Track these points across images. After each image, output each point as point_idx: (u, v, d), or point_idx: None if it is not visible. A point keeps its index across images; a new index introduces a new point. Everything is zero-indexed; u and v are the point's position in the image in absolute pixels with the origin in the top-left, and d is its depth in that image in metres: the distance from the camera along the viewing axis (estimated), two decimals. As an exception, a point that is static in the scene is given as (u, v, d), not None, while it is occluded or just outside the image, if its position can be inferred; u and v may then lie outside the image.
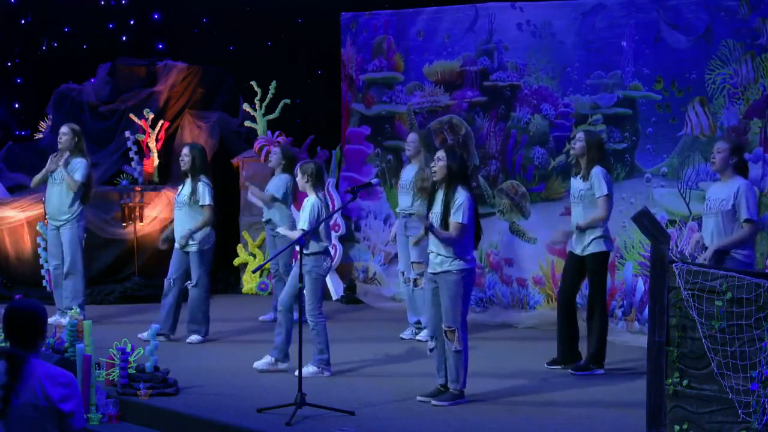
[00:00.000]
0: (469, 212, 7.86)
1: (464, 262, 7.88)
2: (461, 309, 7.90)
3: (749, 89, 9.75)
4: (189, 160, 10.23)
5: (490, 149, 11.71)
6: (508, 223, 11.53)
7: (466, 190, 7.94)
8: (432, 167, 8.14)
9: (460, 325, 7.90)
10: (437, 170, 8.01)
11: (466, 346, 7.97)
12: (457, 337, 7.87)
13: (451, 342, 7.90)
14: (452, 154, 8.09)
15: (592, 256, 9.02)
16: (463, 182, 7.99)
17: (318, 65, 14.51)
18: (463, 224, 7.82)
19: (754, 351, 6.26)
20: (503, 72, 11.58)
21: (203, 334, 10.23)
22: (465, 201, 7.86)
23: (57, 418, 4.65)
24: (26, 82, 14.84)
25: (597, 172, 8.98)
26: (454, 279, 7.87)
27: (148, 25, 15.08)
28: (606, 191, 8.93)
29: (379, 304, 12.53)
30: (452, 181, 7.93)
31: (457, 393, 7.99)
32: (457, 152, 8.23)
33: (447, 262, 7.87)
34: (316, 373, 8.75)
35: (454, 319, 7.88)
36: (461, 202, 7.85)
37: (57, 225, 10.79)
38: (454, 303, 7.87)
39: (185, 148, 10.42)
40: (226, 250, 13.37)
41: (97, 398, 7.98)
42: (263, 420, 7.51)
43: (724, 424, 6.42)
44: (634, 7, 10.50)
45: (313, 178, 8.89)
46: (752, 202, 8.10)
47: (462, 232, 7.84)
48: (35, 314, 4.77)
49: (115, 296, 12.54)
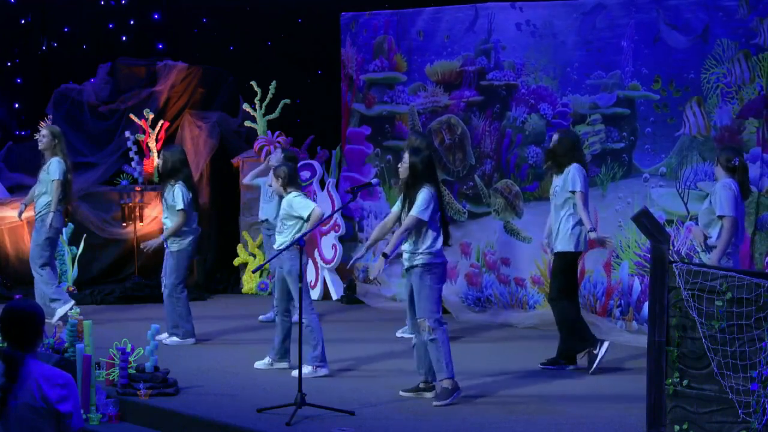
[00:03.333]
0: (429, 208, 7.92)
1: (429, 256, 7.99)
2: (430, 299, 7.99)
3: (744, 89, 9.75)
4: (161, 164, 10.24)
5: (486, 148, 11.71)
6: (503, 222, 11.54)
7: (430, 187, 8.01)
8: (399, 168, 8.20)
9: (429, 315, 7.97)
10: (401, 172, 8.13)
11: (443, 335, 8.01)
12: (428, 328, 7.96)
13: (423, 332, 8.00)
14: (416, 154, 8.14)
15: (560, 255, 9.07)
16: (429, 180, 8.06)
17: (318, 65, 14.52)
18: (418, 218, 7.89)
19: (754, 351, 6.26)
20: (500, 71, 11.59)
21: (182, 335, 10.17)
22: (426, 195, 7.93)
23: (55, 419, 4.65)
24: (26, 82, 14.84)
25: (572, 169, 9.03)
26: (419, 272, 8.00)
27: (148, 25, 15.08)
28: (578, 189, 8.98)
29: (379, 304, 12.53)
30: (417, 180, 8.02)
31: (450, 386, 7.99)
32: (421, 152, 8.26)
33: (413, 257, 8.01)
34: (311, 372, 8.74)
35: (422, 309, 8.00)
36: (421, 197, 7.93)
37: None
38: (420, 295, 8.00)
39: (161, 152, 10.42)
40: (226, 250, 13.38)
41: (97, 398, 7.98)
42: (263, 420, 7.51)
43: (724, 424, 6.43)
44: (634, 7, 10.50)
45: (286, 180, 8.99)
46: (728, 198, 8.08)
47: (416, 224, 7.91)
48: (33, 315, 4.76)
49: (115, 296, 12.54)
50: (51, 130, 10.88)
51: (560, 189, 9.11)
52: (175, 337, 10.16)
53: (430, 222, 7.96)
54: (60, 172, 10.68)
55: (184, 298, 10.17)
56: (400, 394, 8.17)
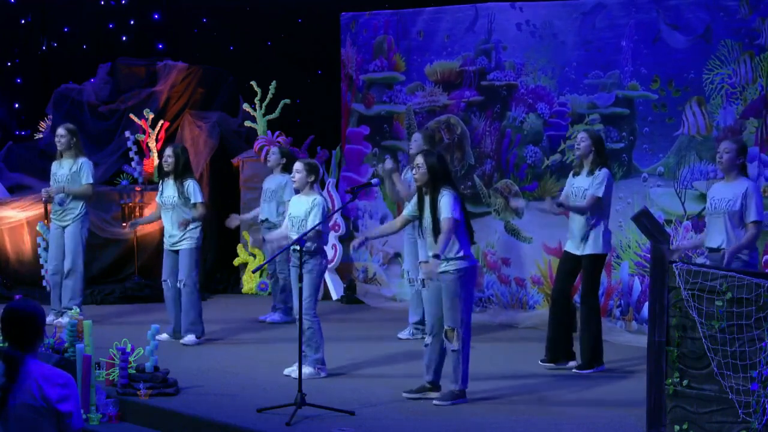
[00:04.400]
0: (459, 208, 7.84)
1: (462, 261, 7.87)
2: (461, 308, 7.88)
3: (747, 89, 9.75)
4: (173, 161, 10.19)
5: (486, 148, 11.72)
6: (503, 222, 11.54)
7: (450, 188, 7.91)
8: (414, 175, 8.03)
9: (460, 324, 7.89)
10: (418, 177, 7.94)
11: (466, 346, 7.96)
12: (457, 337, 7.87)
13: (450, 341, 7.90)
14: (431, 156, 8.02)
15: (588, 257, 9.03)
16: (447, 182, 7.95)
17: (318, 65, 14.52)
18: (454, 219, 7.78)
19: (754, 351, 6.26)
20: (500, 72, 11.59)
21: (199, 334, 10.20)
22: (451, 198, 7.83)
23: (55, 419, 4.65)
24: (26, 82, 14.84)
25: (603, 174, 8.97)
26: (452, 278, 7.86)
27: (148, 25, 15.08)
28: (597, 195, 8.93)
29: (379, 304, 12.53)
30: (436, 183, 7.89)
31: (458, 392, 7.98)
32: (434, 153, 8.15)
33: (445, 262, 7.85)
34: (312, 374, 8.73)
35: (453, 318, 7.87)
36: (448, 200, 7.82)
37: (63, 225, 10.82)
38: (452, 302, 7.86)
39: (168, 149, 10.36)
40: (226, 250, 13.38)
41: (97, 398, 7.98)
42: (263, 420, 7.51)
43: (724, 424, 6.43)
44: (634, 7, 10.50)
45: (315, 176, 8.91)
46: (759, 204, 8.06)
47: (454, 226, 7.80)
48: (33, 315, 4.76)
49: (115, 296, 12.53)
50: (68, 129, 10.86)
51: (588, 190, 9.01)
52: (193, 335, 10.13)
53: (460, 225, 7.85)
54: (93, 175, 10.81)
55: (199, 296, 10.22)
56: (403, 396, 8.10)
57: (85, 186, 10.77)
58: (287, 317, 11.20)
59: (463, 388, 7.98)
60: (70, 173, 10.76)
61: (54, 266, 10.93)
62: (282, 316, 11.27)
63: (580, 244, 9.03)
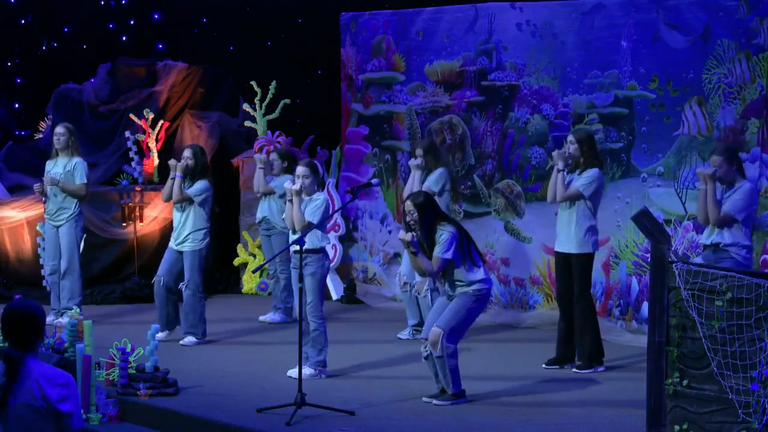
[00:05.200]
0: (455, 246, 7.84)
1: (480, 284, 7.96)
2: (462, 317, 7.92)
3: (746, 89, 9.75)
4: (193, 163, 10.19)
5: (487, 149, 11.72)
6: (503, 222, 11.54)
7: (447, 224, 7.96)
8: (409, 222, 7.94)
9: (449, 332, 7.87)
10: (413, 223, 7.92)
11: (453, 354, 7.92)
12: (440, 343, 7.84)
13: (434, 348, 7.88)
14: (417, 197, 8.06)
15: (576, 257, 9.05)
16: (442, 218, 8.02)
17: (318, 65, 14.52)
18: (444, 259, 7.82)
19: (754, 351, 6.27)
20: (501, 72, 11.59)
21: (199, 335, 10.19)
22: (449, 237, 7.85)
23: (55, 419, 4.66)
24: (26, 82, 14.84)
25: (592, 174, 8.99)
26: (469, 296, 7.94)
27: (148, 25, 15.08)
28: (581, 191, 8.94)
29: (379, 304, 12.53)
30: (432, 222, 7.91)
31: (458, 392, 7.99)
32: (421, 193, 8.24)
33: (466, 287, 7.95)
34: (313, 375, 8.73)
35: (448, 321, 7.89)
36: (446, 238, 7.85)
37: (56, 225, 10.83)
38: (458, 309, 7.91)
39: (187, 150, 10.34)
40: (226, 250, 13.38)
41: (97, 398, 7.98)
42: (263, 420, 7.52)
43: (724, 424, 6.43)
44: (634, 7, 10.50)
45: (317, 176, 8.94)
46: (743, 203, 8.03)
47: (442, 265, 7.85)
48: (33, 315, 4.77)
49: (115, 296, 12.53)
50: (67, 128, 10.88)
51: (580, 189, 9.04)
52: (193, 337, 10.12)
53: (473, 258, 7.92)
54: (87, 175, 10.82)
55: (202, 297, 10.21)
56: (423, 400, 8.06)
57: (79, 185, 10.77)
58: (287, 317, 11.20)
59: (456, 391, 7.99)
60: (65, 172, 10.77)
61: (51, 267, 10.94)
62: (282, 317, 11.27)
63: (566, 242, 9.07)
